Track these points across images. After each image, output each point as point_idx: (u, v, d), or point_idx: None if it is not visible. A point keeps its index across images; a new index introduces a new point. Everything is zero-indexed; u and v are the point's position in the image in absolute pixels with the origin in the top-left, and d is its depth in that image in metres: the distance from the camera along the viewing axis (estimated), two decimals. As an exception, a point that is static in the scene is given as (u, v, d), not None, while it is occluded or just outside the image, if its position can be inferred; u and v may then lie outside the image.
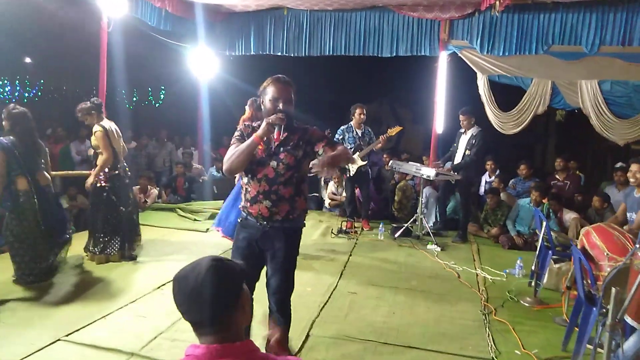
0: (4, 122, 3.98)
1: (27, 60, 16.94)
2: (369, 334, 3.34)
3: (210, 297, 1.20)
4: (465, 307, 3.92)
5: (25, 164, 3.93)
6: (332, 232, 6.08)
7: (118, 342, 3.05)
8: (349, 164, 6.19)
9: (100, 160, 4.53)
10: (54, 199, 4.25)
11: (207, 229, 5.98)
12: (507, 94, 7.22)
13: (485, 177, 7.14)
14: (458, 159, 5.95)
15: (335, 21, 7.24)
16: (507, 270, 4.78)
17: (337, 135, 6.27)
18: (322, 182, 7.84)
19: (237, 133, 2.65)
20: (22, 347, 2.91)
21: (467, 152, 5.83)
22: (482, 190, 7.04)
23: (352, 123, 6.21)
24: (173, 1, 6.75)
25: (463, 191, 6.02)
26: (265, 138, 2.56)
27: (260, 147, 2.54)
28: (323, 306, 3.79)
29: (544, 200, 5.59)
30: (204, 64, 8.00)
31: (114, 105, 10.30)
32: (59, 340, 3.06)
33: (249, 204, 2.61)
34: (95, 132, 4.50)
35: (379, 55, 7.18)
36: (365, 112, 6.17)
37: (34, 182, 3.98)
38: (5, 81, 17.00)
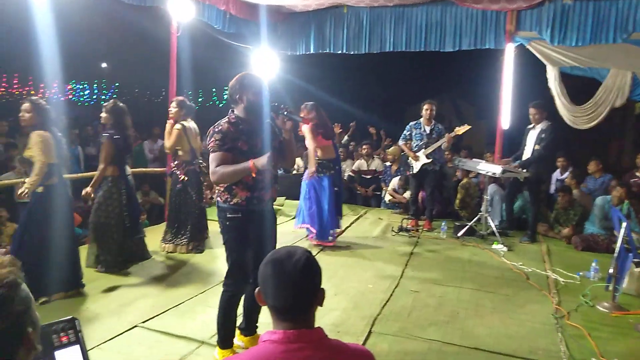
0: (105, 115, 4.36)
1: (104, 65, 18.19)
2: (433, 333, 3.29)
3: (305, 285, 1.27)
4: (535, 309, 3.76)
5: (118, 154, 4.32)
6: (392, 230, 6.03)
7: (189, 330, 3.21)
8: (412, 161, 6.11)
9: (176, 155, 4.91)
10: (134, 190, 4.60)
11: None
12: (580, 87, 6.80)
13: (556, 175, 6.78)
14: (526, 155, 5.68)
15: (395, 17, 7.15)
16: (581, 273, 4.51)
17: (404, 132, 6.19)
18: (384, 179, 7.79)
19: (217, 136, 2.63)
20: (104, 332, 3.14)
21: (537, 147, 5.55)
22: (552, 188, 6.69)
23: (421, 119, 6.11)
24: (236, 4, 6.96)
25: (532, 189, 5.75)
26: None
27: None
28: (385, 303, 3.77)
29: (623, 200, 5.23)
30: (265, 65, 8.18)
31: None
32: (136, 326, 3.27)
33: (263, 191, 2.75)
34: (175, 127, 4.84)
35: (441, 50, 7.00)
36: (434, 108, 6.03)
37: (122, 172, 4.36)
38: (85, 85, 18.34)
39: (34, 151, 3.55)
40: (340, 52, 7.63)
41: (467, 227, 5.84)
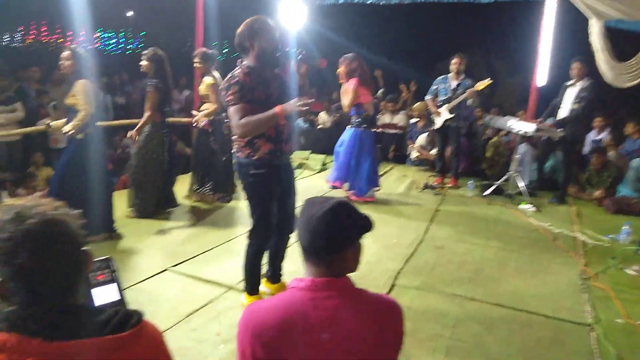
0: (146, 64, 4.39)
1: (130, 13, 18.01)
2: (456, 288, 3.31)
3: (335, 228, 1.26)
4: (560, 270, 3.73)
5: (160, 102, 4.38)
6: (417, 187, 5.98)
7: (217, 275, 3.32)
8: (435, 117, 5.97)
9: (205, 107, 4.85)
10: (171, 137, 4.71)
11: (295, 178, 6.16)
12: (624, 42, 6.40)
13: (591, 136, 6.53)
14: (563, 113, 5.46)
15: (429, -36, 6.78)
16: (611, 236, 4.42)
17: (432, 86, 6.02)
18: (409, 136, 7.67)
19: (235, 88, 2.55)
20: (137, 274, 3.27)
21: (575, 106, 5.32)
22: (586, 149, 6.46)
23: (449, 74, 5.91)
24: (265, -51, 6.70)
25: (566, 149, 5.56)
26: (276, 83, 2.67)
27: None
28: (408, 258, 3.79)
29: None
30: (293, 14, 7.95)
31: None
32: (166, 270, 3.39)
33: (283, 144, 2.73)
34: (207, 82, 4.76)
35: (476, 1, 6.65)
36: (463, 62, 5.81)
37: (163, 118, 4.45)
38: (112, 33, 18.32)
39: (79, 99, 3.64)
40: (369, 1, 7.33)
41: (495, 186, 5.74)
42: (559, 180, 5.79)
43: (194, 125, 5.02)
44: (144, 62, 4.40)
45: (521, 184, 5.56)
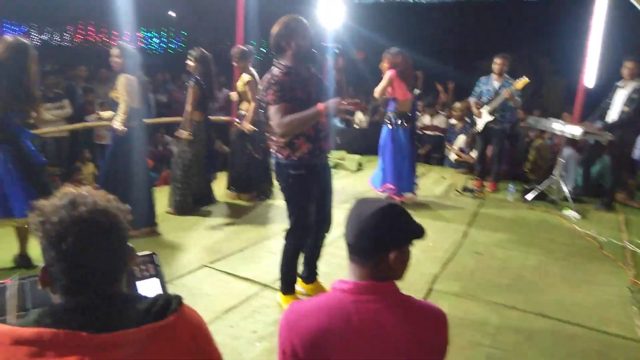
0: (193, 64, 4.49)
1: (172, 13, 18.49)
2: (496, 295, 3.22)
3: (383, 228, 1.24)
4: (608, 280, 3.56)
5: (203, 100, 4.48)
6: (456, 190, 5.85)
7: (253, 273, 3.35)
8: (477, 118, 5.81)
9: (245, 106, 4.89)
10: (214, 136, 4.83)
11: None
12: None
13: (643, 139, 6.19)
14: (612, 116, 5.21)
15: (474, -39, 6.62)
16: (663, 246, 4.20)
17: (475, 87, 5.87)
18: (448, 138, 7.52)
19: (275, 88, 2.53)
20: (176, 269, 3.35)
21: (626, 108, 5.06)
22: (636, 153, 6.14)
23: (492, 75, 5.74)
24: (305, -52, 6.71)
25: (615, 153, 5.30)
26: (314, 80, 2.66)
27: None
28: (446, 263, 3.72)
29: None
30: (331, 13, 7.94)
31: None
32: (204, 266, 3.45)
33: (322, 142, 2.71)
34: (245, 79, 4.80)
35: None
36: (506, 62, 5.62)
37: (206, 117, 4.55)
38: (154, 33, 18.87)
39: (120, 92, 3.76)
40: (411, 0, 7.23)
41: (538, 190, 5.54)
42: (606, 186, 5.53)
43: (235, 122, 5.06)
44: (190, 62, 4.49)
45: (565, 189, 5.35)
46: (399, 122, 4.92)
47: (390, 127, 4.97)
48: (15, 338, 0.85)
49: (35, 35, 20.10)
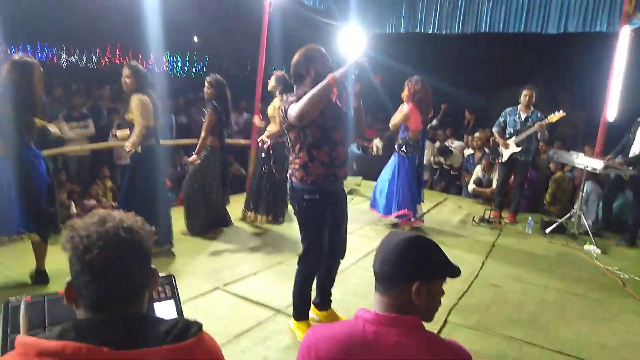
0: (209, 91, 4.53)
1: (195, 39, 19.03)
2: (513, 330, 3.13)
3: (405, 258, 1.24)
4: (632, 319, 3.44)
5: (218, 125, 4.52)
6: (473, 220, 5.78)
7: (267, 298, 3.32)
8: (502, 149, 5.78)
9: (270, 128, 4.97)
10: (228, 161, 4.82)
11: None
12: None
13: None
14: (634, 151, 5.13)
15: (494, -6, 6.69)
16: (689, 286, 4.05)
17: (500, 118, 5.87)
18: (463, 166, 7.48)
19: (292, 99, 2.58)
20: (190, 291, 3.33)
21: (648, 143, 5.00)
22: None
23: (519, 106, 5.74)
24: (328, -20, 6.90)
25: (637, 188, 5.20)
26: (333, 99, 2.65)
27: (334, 91, 2.52)
28: (462, 294, 3.64)
29: None
30: (353, 43, 8.08)
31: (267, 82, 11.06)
32: (217, 288, 3.44)
33: (337, 169, 2.71)
34: (275, 104, 4.87)
35: (543, 32, 6.46)
36: (534, 94, 5.63)
37: (221, 143, 4.59)
38: (178, 57, 19.39)
39: (135, 114, 3.78)
40: (431, 31, 7.32)
41: (557, 223, 5.44)
42: (628, 221, 5.41)
43: (259, 144, 5.12)
44: (206, 89, 4.55)
45: (586, 223, 5.24)
46: (405, 149, 5.04)
47: (401, 153, 5.07)
48: (40, 350, 0.88)
49: (65, 57, 20.85)
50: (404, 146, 5.06)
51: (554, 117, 5.41)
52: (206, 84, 4.56)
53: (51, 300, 1.39)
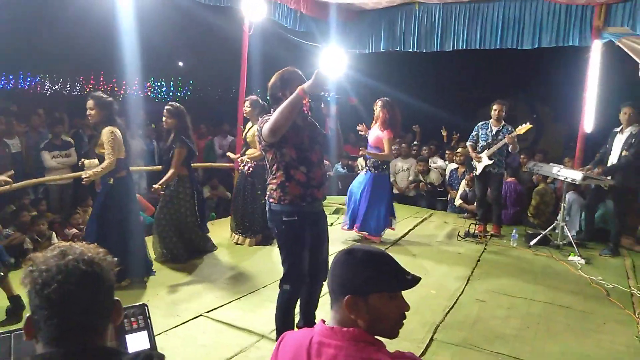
0: (171, 121, 4.40)
1: (180, 63, 19.12)
2: (500, 346, 3.11)
3: (339, 270, 1.27)
4: (616, 329, 3.44)
5: (188, 157, 4.46)
6: (458, 235, 5.80)
7: (250, 323, 3.27)
8: (475, 163, 5.87)
9: (251, 152, 4.98)
10: (200, 188, 4.78)
11: (332, 223, 6.12)
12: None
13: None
14: (612, 161, 5.23)
15: (470, 13, 6.84)
16: (672, 293, 4.08)
17: (472, 132, 5.98)
18: (448, 183, 7.54)
19: (265, 118, 2.66)
20: (172, 319, 3.28)
21: (624, 152, 5.08)
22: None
23: (490, 120, 5.85)
24: (307, 3, 7.00)
25: (617, 198, 5.28)
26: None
27: (305, 103, 2.55)
28: (448, 311, 3.62)
29: None
30: (333, 63, 8.18)
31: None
32: (200, 315, 3.39)
33: (315, 189, 2.72)
34: (253, 130, 4.85)
35: (519, 48, 6.62)
36: (503, 109, 5.74)
37: (190, 171, 4.53)
38: (162, 82, 19.44)
39: (106, 148, 3.66)
40: (410, 50, 7.45)
41: (541, 235, 5.48)
42: (611, 231, 5.47)
43: (239, 169, 5.12)
44: (168, 119, 4.39)
45: (569, 234, 5.29)
46: (379, 169, 5.26)
47: (370, 172, 5.28)
48: None
49: (48, 85, 20.80)
50: (378, 165, 5.26)
51: (522, 129, 5.50)
52: (166, 113, 4.39)
53: (17, 336, 1.37)
